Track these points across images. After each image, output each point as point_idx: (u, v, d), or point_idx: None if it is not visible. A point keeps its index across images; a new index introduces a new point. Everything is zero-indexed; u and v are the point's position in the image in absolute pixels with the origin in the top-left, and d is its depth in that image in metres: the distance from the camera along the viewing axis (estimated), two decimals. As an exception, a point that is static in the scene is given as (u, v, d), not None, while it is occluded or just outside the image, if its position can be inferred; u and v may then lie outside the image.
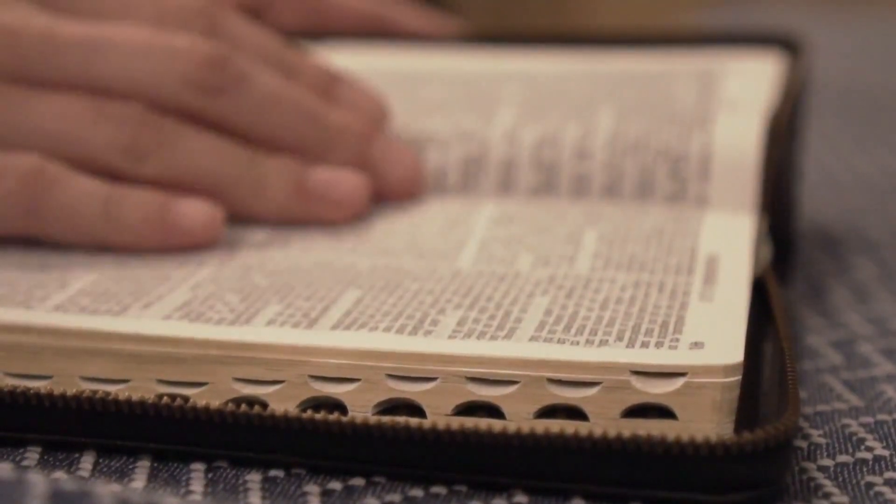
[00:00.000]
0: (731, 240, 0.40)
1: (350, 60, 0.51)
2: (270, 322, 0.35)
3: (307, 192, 0.42)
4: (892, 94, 0.71)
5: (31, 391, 0.34)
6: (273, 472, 0.33)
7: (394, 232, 0.41)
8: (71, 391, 0.34)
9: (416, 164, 0.44)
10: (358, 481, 0.33)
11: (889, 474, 0.33)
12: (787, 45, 0.50)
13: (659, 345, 0.33)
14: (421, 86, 0.50)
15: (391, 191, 0.44)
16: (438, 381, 0.33)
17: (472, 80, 0.50)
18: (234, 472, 0.33)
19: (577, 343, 0.34)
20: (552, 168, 0.44)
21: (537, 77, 0.50)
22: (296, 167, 0.42)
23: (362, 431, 0.32)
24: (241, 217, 0.42)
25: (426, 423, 0.32)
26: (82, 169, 0.41)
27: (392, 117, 0.45)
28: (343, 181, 0.42)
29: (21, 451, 0.34)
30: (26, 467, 0.33)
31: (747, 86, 0.47)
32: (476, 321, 0.35)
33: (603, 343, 0.34)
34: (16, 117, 0.41)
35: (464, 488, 0.32)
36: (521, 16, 1.47)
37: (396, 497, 0.32)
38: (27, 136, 0.41)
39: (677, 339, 0.34)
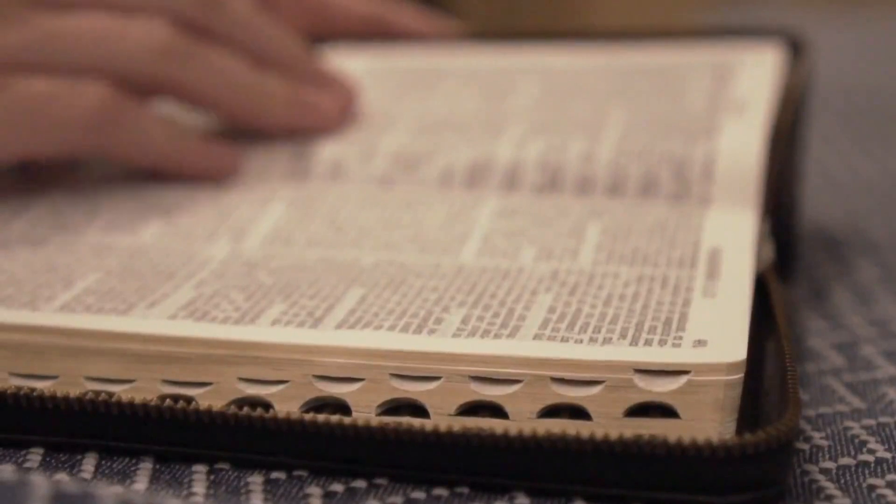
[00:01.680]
0: (733, 234, 0.40)
1: (356, 63, 0.51)
2: (275, 321, 0.35)
3: (301, 101, 0.47)
4: (894, 95, 0.71)
5: (34, 393, 0.34)
6: (275, 474, 0.33)
7: (396, 225, 0.41)
8: (74, 392, 0.34)
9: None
10: (360, 483, 0.33)
11: (891, 477, 0.33)
12: (790, 42, 0.50)
13: (662, 343, 0.33)
14: (434, 86, 0.50)
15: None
16: (442, 380, 0.33)
17: (485, 77, 0.50)
18: (235, 473, 0.33)
19: (581, 341, 0.33)
20: (557, 170, 0.44)
21: (551, 72, 0.50)
22: (289, 81, 0.48)
23: (363, 433, 0.32)
24: (252, 127, 0.47)
25: (427, 424, 0.32)
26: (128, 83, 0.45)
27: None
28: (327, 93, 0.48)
29: (23, 452, 0.34)
30: (28, 469, 0.33)
31: (755, 83, 0.47)
32: (480, 319, 0.35)
33: (606, 341, 0.33)
34: (52, 32, 0.44)
35: (465, 490, 0.32)
36: (522, 18, 1.47)
37: (398, 499, 0.32)
38: (69, 47, 0.44)
39: (680, 337, 0.34)
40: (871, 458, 0.34)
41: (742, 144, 0.44)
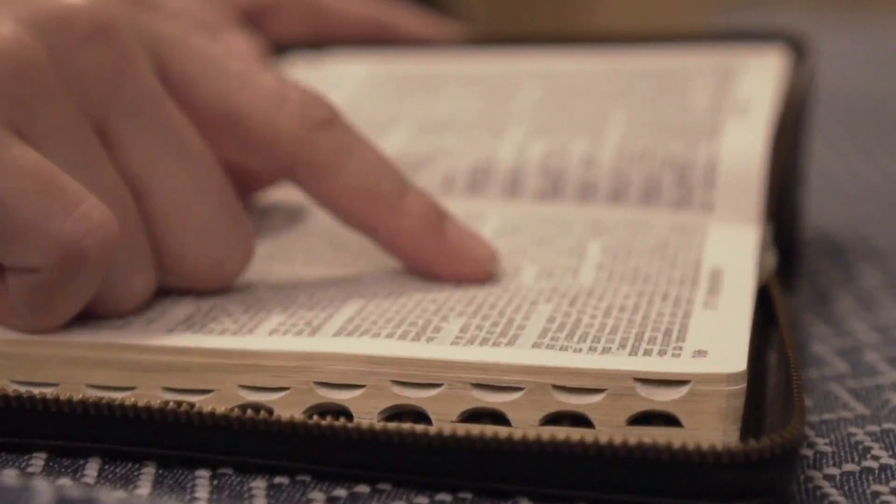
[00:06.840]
0: (735, 253, 0.40)
1: (357, 67, 0.51)
2: (273, 331, 0.35)
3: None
4: (897, 100, 0.71)
5: (37, 396, 0.34)
6: (278, 479, 0.33)
7: None
8: (76, 397, 0.33)
9: None
10: (363, 488, 0.33)
11: (895, 483, 0.33)
12: (793, 45, 0.50)
13: (662, 353, 0.33)
14: (434, 90, 0.50)
15: None
16: (444, 387, 0.33)
17: (486, 80, 0.50)
18: (239, 478, 0.33)
19: (580, 350, 0.33)
20: (559, 175, 0.44)
21: (553, 75, 0.50)
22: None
23: (367, 437, 0.32)
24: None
25: (431, 429, 0.32)
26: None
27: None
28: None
29: (26, 457, 0.34)
30: (32, 474, 0.33)
31: (758, 86, 0.47)
32: (479, 328, 0.35)
33: (605, 351, 0.33)
34: None
35: (468, 495, 0.32)
36: (524, 20, 1.47)
37: (401, 504, 0.32)
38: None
39: (680, 347, 0.33)
40: (875, 465, 0.34)
41: (745, 147, 0.44)
